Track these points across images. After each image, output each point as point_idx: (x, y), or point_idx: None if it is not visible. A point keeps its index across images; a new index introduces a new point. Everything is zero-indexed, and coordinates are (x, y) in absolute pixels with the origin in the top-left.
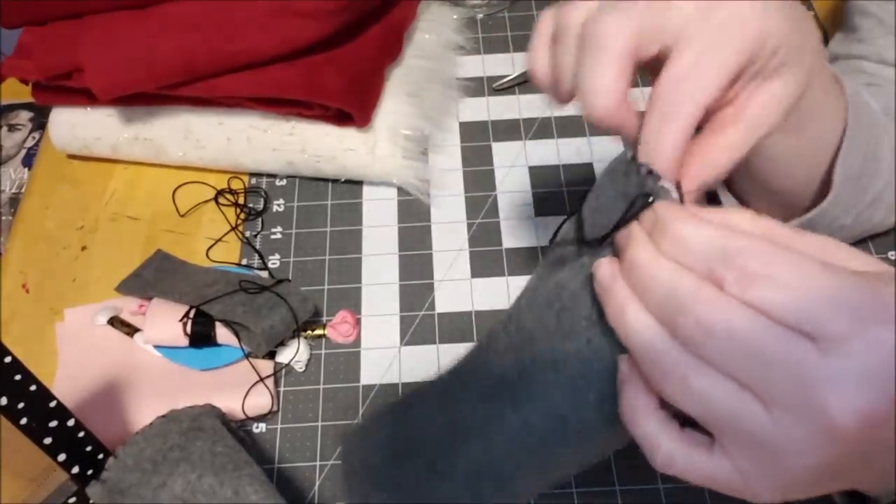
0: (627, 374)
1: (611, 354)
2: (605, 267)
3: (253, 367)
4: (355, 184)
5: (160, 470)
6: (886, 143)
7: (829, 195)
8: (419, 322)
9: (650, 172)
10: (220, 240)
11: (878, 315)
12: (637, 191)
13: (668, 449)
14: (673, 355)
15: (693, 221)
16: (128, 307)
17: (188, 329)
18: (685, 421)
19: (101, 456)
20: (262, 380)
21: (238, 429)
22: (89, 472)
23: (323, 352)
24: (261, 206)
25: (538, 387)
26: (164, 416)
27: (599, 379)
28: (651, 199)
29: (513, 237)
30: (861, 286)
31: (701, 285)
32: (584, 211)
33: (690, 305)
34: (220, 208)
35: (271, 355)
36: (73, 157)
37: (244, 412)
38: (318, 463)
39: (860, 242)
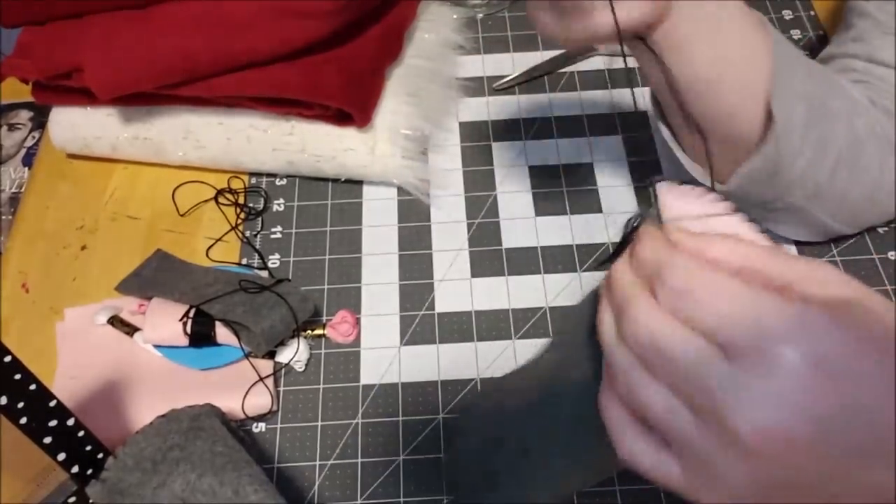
0: (604, 382)
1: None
2: (606, 324)
3: (253, 366)
4: (355, 184)
5: (160, 469)
6: (843, 107)
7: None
8: (419, 322)
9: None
10: (219, 239)
11: (792, 336)
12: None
13: (630, 447)
14: (621, 360)
15: (647, 238)
16: (128, 307)
17: (188, 328)
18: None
19: (100, 455)
20: (261, 379)
21: (238, 428)
22: (89, 471)
23: (323, 351)
24: (261, 205)
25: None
26: (163, 416)
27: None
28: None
29: (513, 237)
30: (782, 308)
31: (638, 294)
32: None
33: (628, 311)
34: (220, 208)
35: (271, 355)
36: (72, 156)
37: (244, 412)
38: (317, 462)
39: (859, 243)
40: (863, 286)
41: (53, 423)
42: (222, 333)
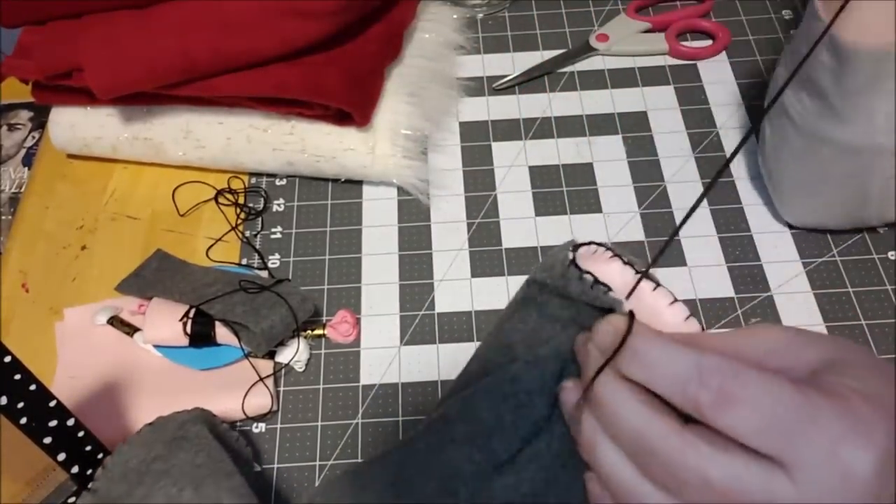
0: (599, 494)
1: (569, 457)
2: (570, 393)
3: (253, 366)
4: (355, 183)
5: (144, 481)
6: None
7: None
8: (419, 322)
9: (596, 282)
10: (219, 239)
11: (853, 437)
12: (586, 299)
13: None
14: (646, 492)
15: (663, 344)
16: (127, 307)
17: (188, 329)
18: None
19: (100, 455)
20: (261, 379)
21: (229, 431)
22: (89, 471)
23: (323, 351)
24: (261, 205)
25: (497, 490)
26: (151, 424)
27: (558, 483)
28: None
29: (513, 237)
30: (831, 407)
31: (669, 433)
32: (526, 302)
33: (662, 453)
34: (219, 208)
35: (271, 355)
36: (72, 156)
37: (244, 412)
38: (317, 463)
39: (859, 242)
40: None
41: (53, 423)
42: (222, 333)
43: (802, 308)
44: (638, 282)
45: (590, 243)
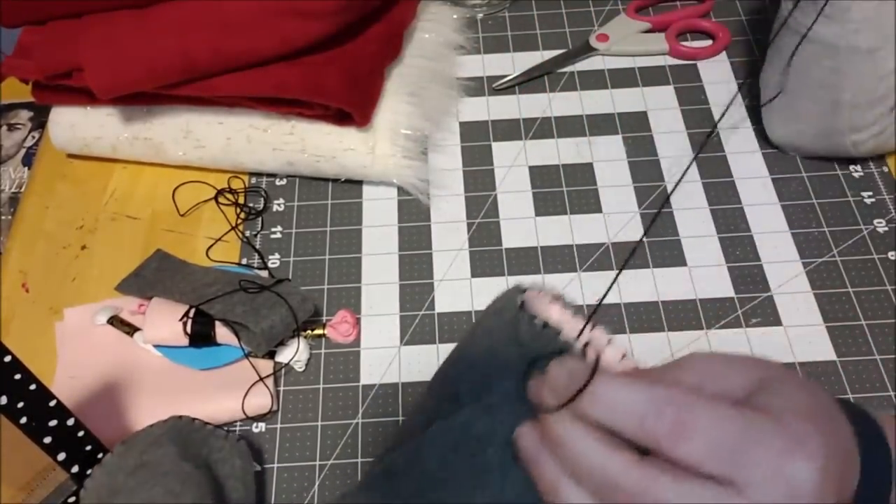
0: None
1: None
2: (527, 437)
3: (253, 366)
4: (355, 183)
5: None
6: None
7: None
8: (419, 322)
9: (545, 326)
10: (219, 239)
11: (793, 452)
12: (536, 344)
13: None
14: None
15: (619, 384)
16: (127, 306)
17: (188, 328)
18: None
19: (100, 455)
20: (261, 379)
21: (213, 433)
22: (89, 471)
23: (323, 351)
24: (261, 205)
25: None
26: (123, 443)
27: None
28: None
29: (513, 237)
30: (771, 427)
31: (629, 467)
32: (473, 348)
33: (624, 486)
34: (219, 208)
35: (271, 355)
36: (72, 156)
37: (244, 411)
38: (317, 462)
39: (859, 243)
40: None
41: (53, 422)
42: (222, 333)
43: (802, 308)
44: (586, 323)
45: (537, 290)
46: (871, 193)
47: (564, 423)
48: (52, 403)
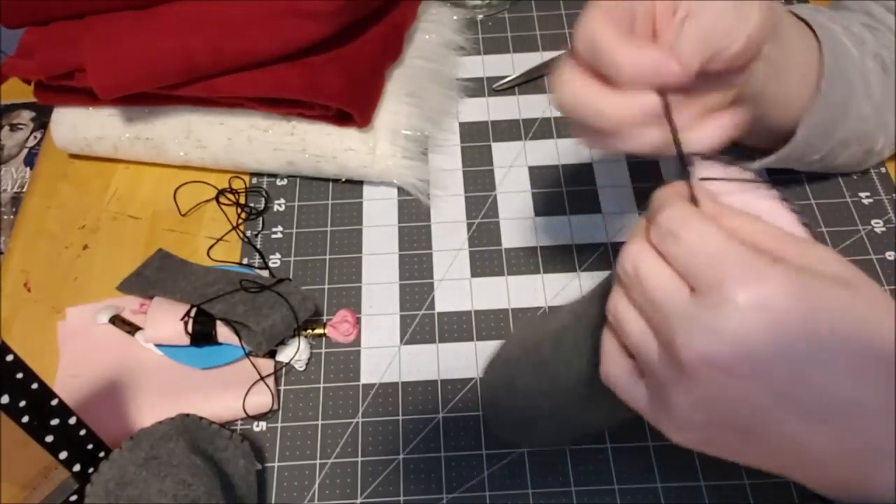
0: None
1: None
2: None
3: (253, 365)
4: (355, 184)
5: None
6: (860, 91)
7: (790, 142)
8: (419, 321)
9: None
10: (221, 239)
11: (746, 281)
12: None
13: (609, 369)
14: (615, 286)
15: (667, 188)
16: (129, 306)
17: (189, 328)
18: None
19: (101, 454)
20: (262, 378)
21: (219, 432)
22: (90, 470)
23: (323, 351)
24: (261, 205)
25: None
26: (132, 438)
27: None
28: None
29: (512, 237)
30: (752, 260)
31: (638, 231)
32: None
33: (623, 254)
34: (221, 208)
35: (272, 354)
36: (74, 156)
37: (245, 410)
38: (318, 461)
39: (858, 242)
40: (861, 274)
41: (55, 421)
42: (223, 333)
43: None
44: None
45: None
46: (868, 194)
47: (634, 237)
48: (54, 402)
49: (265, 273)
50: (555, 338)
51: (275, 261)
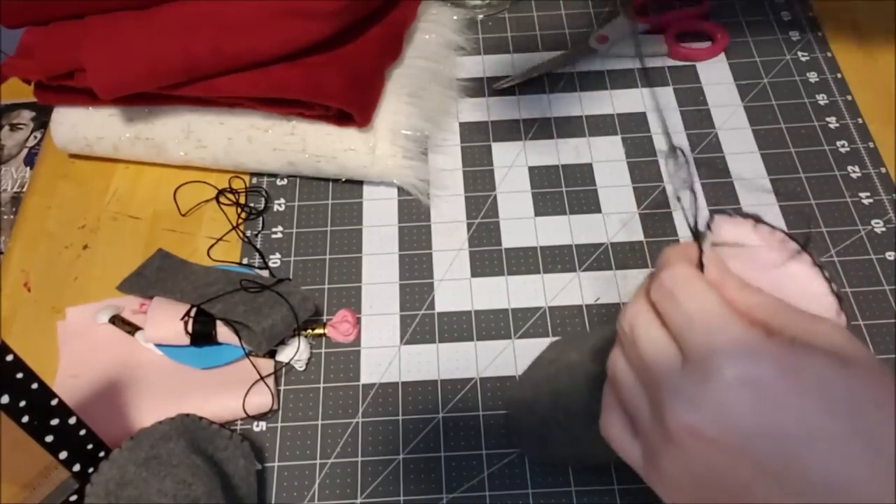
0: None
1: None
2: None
3: (253, 365)
4: (355, 184)
5: None
6: None
7: None
8: (419, 321)
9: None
10: (221, 239)
11: (734, 356)
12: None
13: (608, 426)
14: (614, 351)
15: (677, 246)
16: (129, 306)
17: (189, 328)
18: None
19: (102, 454)
20: (262, 378)
21: (219, 432)
22: (90, 470)
23: (323, 351)
24: (262, 205)
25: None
26: (132, 438)
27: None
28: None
29: (513, 237)
30: (742, 332)
31: (634, 298)
32: None
33: (623, 311)
34: (221, 208)
35: (272, 354)
36: (74, 156)
37: (245, 410)
38: (318, 461)
39: (858, 243)
40: (865, 353)
41: (55, 421)
42: (223, 332)
43: None
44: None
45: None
46: (868, 194)
47: (635, 297)
48: (54, 402)
49: (265, 273)
50: (569, 371)
51: (275, 261)
